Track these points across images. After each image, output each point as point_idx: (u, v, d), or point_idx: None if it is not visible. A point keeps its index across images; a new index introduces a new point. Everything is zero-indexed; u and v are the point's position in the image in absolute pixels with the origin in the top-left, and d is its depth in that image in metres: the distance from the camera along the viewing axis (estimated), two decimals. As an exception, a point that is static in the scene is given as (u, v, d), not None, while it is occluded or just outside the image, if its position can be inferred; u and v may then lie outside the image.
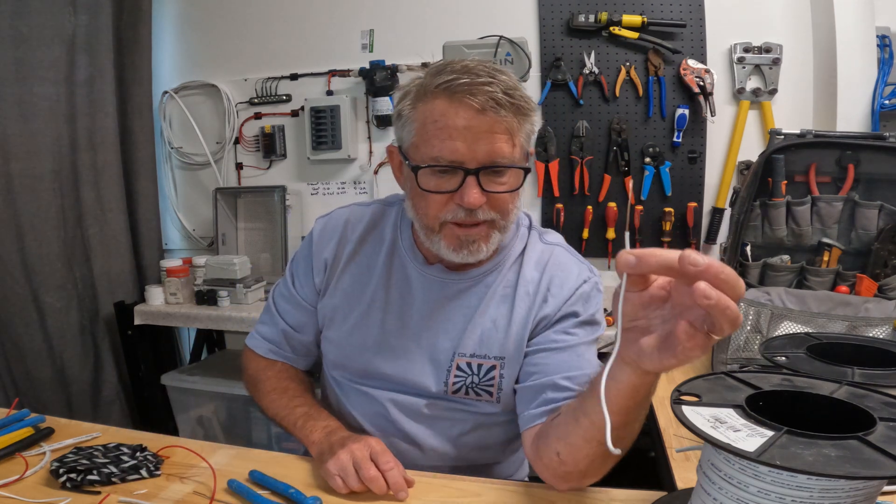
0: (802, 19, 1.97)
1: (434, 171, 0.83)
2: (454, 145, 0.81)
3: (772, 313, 1.21)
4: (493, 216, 0.86)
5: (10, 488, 0.78)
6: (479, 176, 0.82)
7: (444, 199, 0.84)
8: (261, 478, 0.80)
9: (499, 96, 0.80)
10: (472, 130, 0.80)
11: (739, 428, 0.53)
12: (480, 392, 0.94)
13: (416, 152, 0.85)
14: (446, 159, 0.82)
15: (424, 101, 0.84)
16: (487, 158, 0.82)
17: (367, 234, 1.00)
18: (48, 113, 2.03)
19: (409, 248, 0.97)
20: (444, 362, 0.94)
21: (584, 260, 0.99)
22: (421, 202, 0.87)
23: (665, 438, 0.99)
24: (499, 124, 0.81)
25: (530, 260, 0.96)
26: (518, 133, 0.84)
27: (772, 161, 1.30)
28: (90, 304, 2.20)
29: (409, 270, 0.97)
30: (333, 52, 2.34)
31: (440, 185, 0.84)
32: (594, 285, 0.95)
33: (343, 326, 0.99)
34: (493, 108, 0.80)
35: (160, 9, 2.45)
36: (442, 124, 0.81)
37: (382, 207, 1.03)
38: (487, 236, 0.87)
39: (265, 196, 2.40)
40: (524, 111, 0.84)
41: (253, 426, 2.11)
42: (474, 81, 0.80)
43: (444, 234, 0.87)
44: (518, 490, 0.81)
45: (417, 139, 0.85)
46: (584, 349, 0.90)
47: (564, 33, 2.11)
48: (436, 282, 0.95)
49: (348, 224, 1.01)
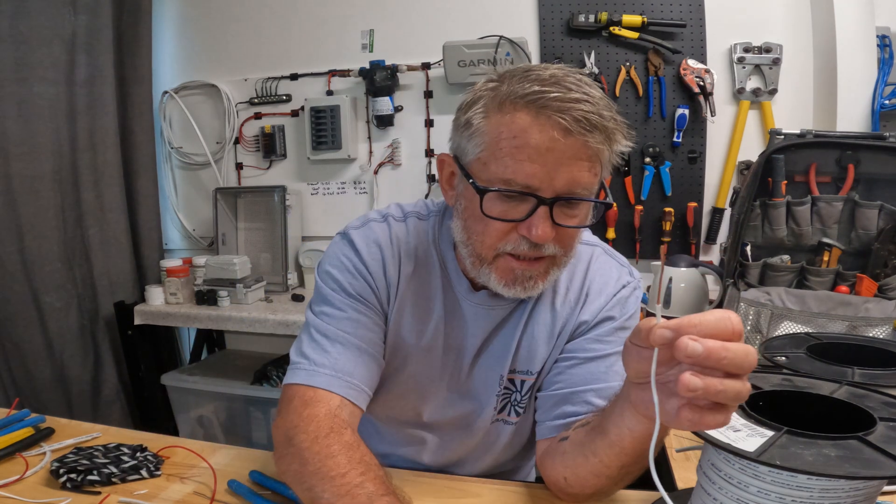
0: (802, 19, 1.98)
1: (501, 196, 0.72)
2: (532, 168, 0.69)
3: (772, 313, 1.21)
4: (557, 251, 0.75)
5: (11, 488, 0.78)
6: (552, 207, 0.71)
7: (506, 228, 0.73)
8: (261, 478, 0.80)
9: (592, 117, 0.68)
10: (555, 154, 0.68)
11: (739, 428, 0.53)
12: (519, 410, 0.90)
13: (484, 170, 0.72)
14: (520, 184, 0.70)
15: (502, 112, 0.71)
16: (565, 188, 0.70)
17: (417, 257, 0.86)
18: (48, 113, 2.03)
19: (456, 272, 0.85)
20: (493, 390, 0.88)
21: (624, 261, 0.92)
22: (477, 226, 0.75)
23: (665, 438, 0.99)
24: (585, 150, 0.69)
25: (571, 264, 0.85)
26: (604, 161, 0.73)
27: (772, 161, 1.30)
28: (90, 305, 2.20)
29: (460, 298, 0.86)
30: (333, 52, 2.34)
31: (506, 213, 0.72)
32: (633, 290, 0.89)
33: (403, 370, 0.87)
34: (583, 131, 0.68)
35: (160, 9, 2.45)
36: (521, 142, 0.69)
37: (417, 222, 0.88)
38: (546, 273, 0.77)
39: (265, 196, 2.40)
40: (616, 137, 0.72)
41: (253, 426, 2.11)
42: (566, 97, 0.68)
43: (497, 266, 0.76)
44: (518, 490, 0.81)
45: (487, 155, 0.72)
46: (615, 359, 0.83)
47: (564, 33, 2.11)
48: (483, 310, 0.86)
49: (395, 243, 0.86)
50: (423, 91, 2.28)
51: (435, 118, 2.29)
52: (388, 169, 2.36)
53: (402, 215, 0.88)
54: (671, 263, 1.74)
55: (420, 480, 0.83)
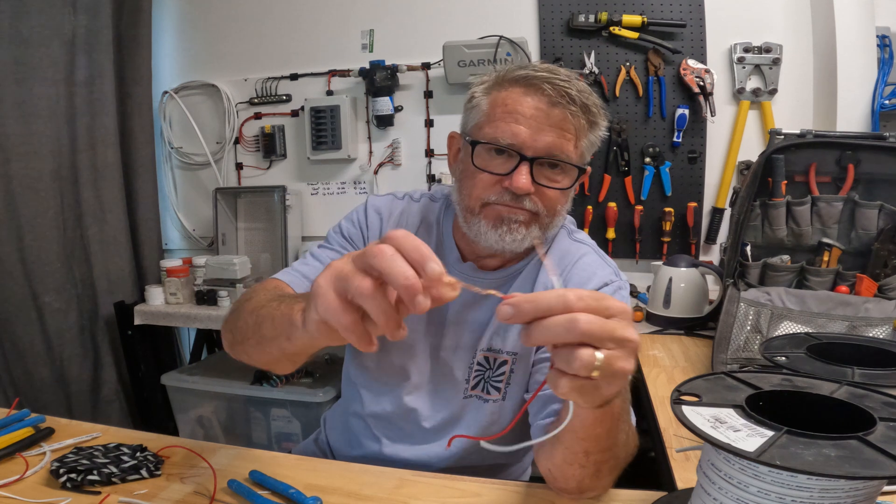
0: (802, 19, 1.98)
1: (490, 151, 0.83)
2: (517, 129, 0.81)
3: (772, 313, 1.21)
4: (539, 209, 0.84)
5: (11, 488, 0.78)
6: (533, 165, 0.82)
7: (491, 181, 0.84)
8: (261, 478, 0.80)
9: (574, 94, 0.80)
10: (539, 120, 0.81)
11: (739, 428, 0.53)
12: (491, 389, 0.94)
13: (479, 133, 0.85)
14: (506, 141, 0.82)
15: (499, 89, 0.85)
16: (546, 150, 0.82)
17: (418, 231, 0.98)
18: (48, 113, 2.03)
19: (450, 244, 0.96)
20: (466, 360, 0.94)
21: (611, 262, 0.96)
22: (468, 182, 0.86)
23: (665, 438, 0.99)
24: (567, 122, 0.81)
25: (554, 257, 0.94)
26: (583, 136, 0.84)
27: (772, 161, 1.30)
28: (90, 304, 2.20)
29: (447, 268, 0.94)
30: (333, 52, 2.34)
31: (493, 166, 0.83)
32: (617, 289, 0.92)
33: None
34: (566, 104, 0.80)
35: (160, 9, 2.45)
36: (511, 108, 0.82)
37: (429, 202, 1.02)
38: (528, 224, 0.85)
39: (265, 196, 2.40)
40: (595, 117, 0.84)
41: (253, 426, 2.11)
42: (555, 77, 0.81)
43: (485, 214, 0.85)
44: (518, 490, 0.81)
45: (483, 120, 0.85)
46: None
47: (564, 33, 2.11)
48: (466, 280, 0.92)
49: (404, 215, 1.00)
50: (423, 91, 2.28)
51: (435, 118, 2.29)
52: (388, 169, 2.36)
53: (419, 196, 1.03)
54: (671, 263, 1.74)
55: (420, 480, 0.83)
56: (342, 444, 1.07)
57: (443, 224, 0.98)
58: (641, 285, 2.04)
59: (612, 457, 0.69)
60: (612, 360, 0.48)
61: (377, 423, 1.01)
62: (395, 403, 0.98)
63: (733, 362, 1.22)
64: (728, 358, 1.22)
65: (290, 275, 0.92)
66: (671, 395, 0.60)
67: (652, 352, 1.48)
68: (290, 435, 2.04)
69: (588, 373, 0.47)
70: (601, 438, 0.65)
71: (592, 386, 0.49)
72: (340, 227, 1.01)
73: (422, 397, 0.98)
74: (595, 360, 0.47)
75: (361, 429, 1.03)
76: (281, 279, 0.91)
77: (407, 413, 0.98)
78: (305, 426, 2.01)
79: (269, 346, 0.68)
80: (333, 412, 1.14)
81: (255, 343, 0.72)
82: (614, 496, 0.78)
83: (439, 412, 0.98)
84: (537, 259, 0.94)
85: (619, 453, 0.70)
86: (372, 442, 1.01)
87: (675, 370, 1.34)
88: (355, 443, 1.03)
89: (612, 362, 0.48)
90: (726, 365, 1.22)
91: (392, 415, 0.99)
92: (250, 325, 0.73)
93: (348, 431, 1.06)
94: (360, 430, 1.03)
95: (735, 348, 1.22)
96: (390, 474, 0.85)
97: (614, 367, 0.48)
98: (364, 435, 1.02)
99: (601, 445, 0.66)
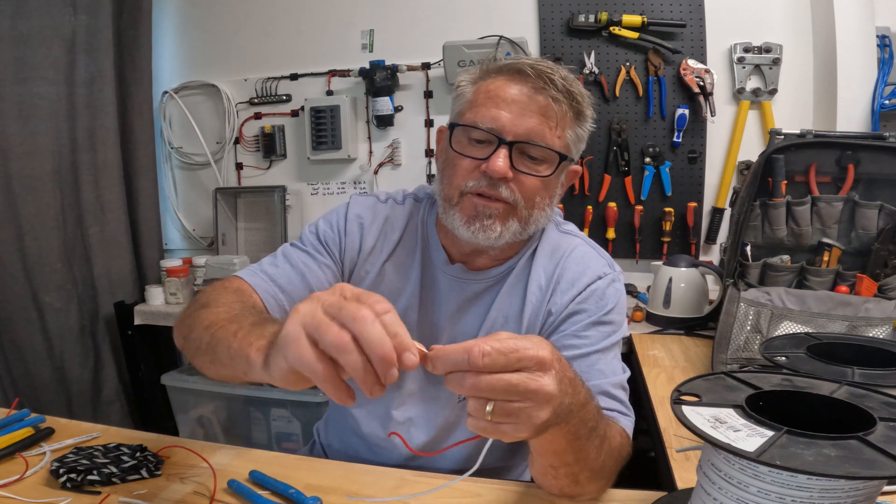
0: (802, 19, 1.98)
1: (469, 137, 0.82)
2: (498, 113, 0.80)
3: (772, 313, 1.21)
4: (517, 199, 0.82)
5: (11, 488, 0.78)
6: (512, 149, 0.80)
7: (470, 167, 0.82)
8: (261, 478, 0.80)
9: (557, 80, 0.79)
10: (521, 104, 0.79)
11: (739, 428, 0.53)
12: None
13: (461, 118, 0.84)
14: (486, 125, 0.80)
15: (485, 77, 0.84)
16: (526, 135, 0.80)
17: (404, 234, 0.96)
18: (48, 113, 2.03)
19: (436, 245, 0.94)
20: None
21: (604, 254, 0.94)
22: (448, 170, 0.85)
23: (665, 438, 0.98)
24: (551, 109, 0.80)
25: (545, 251, 0.92)
26: (567, 126, 0.82)
27: (772, 161, 1.30)
28: (90, 304, 2.20)
29: (436, 271, 0.94)
30: (333, 52, 2.34)
31: (471, 151, 0.82)
32: (611, 282, 0.90)
33: None
34: (550, 91, 0.79)
35: (160, 9, 2.45)
36: (494, 94, 0.81)
37: (413, 203, 0.99)
38: (505, 218, 0.83)
39: (265, 196, 2.40)
40: (580, 106, 0.83)
41: (253, 426, 2.11)
42: (537, 63, 0.80)
43: (462, 206, 0.83)
44: (518, 490, 0.81)
45: (466, 108, 0.84)
46: (598, 357, 0.85)
47: (564, 33, 2.11)
48: (456, 283, 0.92)
49: (388, 221, 0.96)
50: (423, 91, 2.28)
51: (435, 118, 2.29)
52: (388, 169, 2.36)
53: (402, 198, 1.00)
54: (671, 263, 1.74)
55: (420, 480, 0.83)
56: (341, 458, 1.07)
57: (428, 225, 0.96)
58: (641, 285, 2.04)
59: (584, 468, 0.68)
60: (512, 410, 0.51)
61: (372, 445, 0.99)
62: (386, 424, 0.96)
63: (733, 362, 1.22)
64: (728, 358, 1.22)
65: (256, 276, 0.88)
66: (671, 395, 0.60)
67: (652, 352, 1.48)
68: (290, 435, 2.04)
69: (483, 416, 0.51)
70: (561, 454, 0.64)
71: (493, 427, 0.52)
72: (318, 227, 0.96)
73: (416, 406, 0.96)
74: (486, 407, 0.51)
75: (361, 446, 1.02)
76: (245, 280, 0.87)
77: (400, 428, 0.96)
78: (305, 426, 2.01)
79: (224, 371, 0.65)
80: (326, 424, 1.12)
81: (209, 361, 0.68)
82: (614, 496, 0.78)
83: (434, 419, 0.96)
84: (529, 255, 0.92)
85: (594, 465, 0.68)
86: (371, 448, 1.00)
87: (675, 370, 1.34)
88: (354, 458, 1.03)
89: (514, 412, 0.51)
90: (726, 365, 1.22)
91: (381, 440, 0.98)
92: (204, 341, 0.68)
93: (348, 448, 1.05)
94: (359, 447, 1.02)
95: (735, 348, 1.22)
96: (390, 474, 0.85)
97: (518, 417, 0.51)
98: (363, 451, 1.01)
99: (564, 460, 0.66)
